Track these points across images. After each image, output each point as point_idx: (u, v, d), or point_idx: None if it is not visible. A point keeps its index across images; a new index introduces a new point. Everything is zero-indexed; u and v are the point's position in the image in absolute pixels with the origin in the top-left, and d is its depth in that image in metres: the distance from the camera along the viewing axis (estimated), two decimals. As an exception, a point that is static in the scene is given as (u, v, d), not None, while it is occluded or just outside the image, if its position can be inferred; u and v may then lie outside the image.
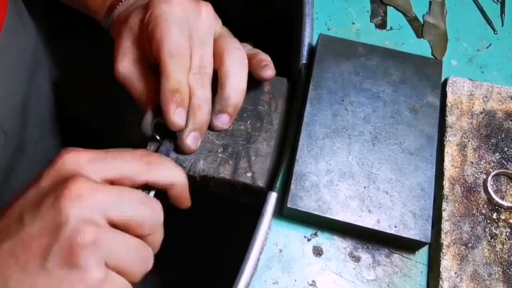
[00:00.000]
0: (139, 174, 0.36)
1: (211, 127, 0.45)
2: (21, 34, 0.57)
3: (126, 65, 0.45)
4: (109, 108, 0.73)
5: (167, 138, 0.45)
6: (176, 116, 0.41)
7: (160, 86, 0.42)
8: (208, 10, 0.46)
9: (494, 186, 0.45)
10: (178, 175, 0.39)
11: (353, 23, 0.55)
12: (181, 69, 0.42)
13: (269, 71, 0.45)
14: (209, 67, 0.44)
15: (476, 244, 0.43)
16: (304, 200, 0.42)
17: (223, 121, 0.45)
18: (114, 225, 0.34)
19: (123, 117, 0.72)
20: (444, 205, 0.44)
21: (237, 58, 0.45)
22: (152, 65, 0.45)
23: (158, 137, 0.44)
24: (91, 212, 0.33)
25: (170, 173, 0.38)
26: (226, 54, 0.44)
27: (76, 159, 0.34)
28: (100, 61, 0.70)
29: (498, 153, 0.47)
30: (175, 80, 0.41)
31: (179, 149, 0.44)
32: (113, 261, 0.33)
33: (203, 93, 0.43)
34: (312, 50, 0.52)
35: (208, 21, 0.45)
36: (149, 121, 0.44)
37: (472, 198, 0.45)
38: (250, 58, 0.46)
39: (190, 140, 0.43)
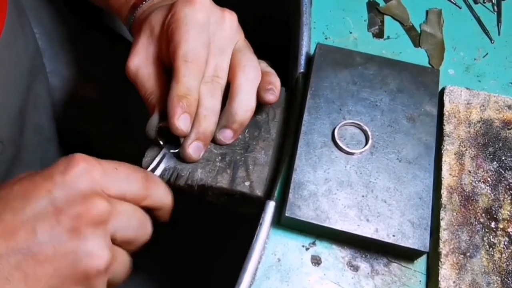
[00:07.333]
0: (141, 198, 0.39)
1: (213, 140, 0.45)
2: (21, 40, 0.56)
3: (138, 62, 0.44)
4: (106, 116, 0.73)
5: (170, 143, 0.44)
6: (180, 121, 0.41)
7: (169, 89, 0.41)
8: (232, 19, 0.45)
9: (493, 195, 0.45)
10: (168, 200, 0.41)
11: (351, 32, 0.56)
12: (193, 76, 0.41)
13: (271, 96, 0.44)
14: (223, 78, 0.44)
15: (475, 253, 0.43)
16: (302, 209, 0.42)
17: (226, 136, 0.45)
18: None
19: (120, 126, 0.72)
20: (442, 214, 0.44)
21: (252, 75, 0.44)
22: (167, 67, 0.44)
23: (161, 142, 0.44)
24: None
25: (163, 197, 0.41)
26: (241, 69, 0.44)
27: (90, 174, 0.35)
28: (99, 70, 0.70)
29: (495, 162, 0.47)
30: (184, 85, 0.41)
31: (181, 157, 0.44)
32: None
33: (212, 103, 0.43)
34: (309, 59, 0.52)
35: (231, 30, 0.45)
36: (154, 124, 0.43)
37: (470, 207, 0.44)
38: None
39: (192, 149, 0.43)
